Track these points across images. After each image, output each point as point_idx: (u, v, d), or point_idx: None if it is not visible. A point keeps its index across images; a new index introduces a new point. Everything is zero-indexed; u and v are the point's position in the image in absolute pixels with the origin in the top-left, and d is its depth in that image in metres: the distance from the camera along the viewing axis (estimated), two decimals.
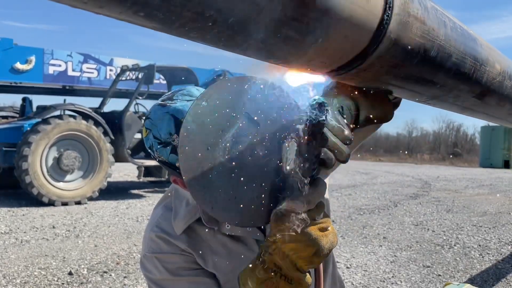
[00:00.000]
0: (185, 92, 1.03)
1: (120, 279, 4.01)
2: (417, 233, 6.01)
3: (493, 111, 1.34)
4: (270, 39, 0.54)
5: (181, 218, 1.06)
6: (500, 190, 10.85)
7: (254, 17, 0.49)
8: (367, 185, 11.73)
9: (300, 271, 0.80)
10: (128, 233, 5.70)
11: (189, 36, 0.51)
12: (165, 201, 1.14)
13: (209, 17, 0.46)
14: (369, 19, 0.62)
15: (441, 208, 8.12)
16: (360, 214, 7.31)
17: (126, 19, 0.46)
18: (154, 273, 1.06)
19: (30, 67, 10.25)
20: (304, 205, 0.77)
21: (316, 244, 0.78)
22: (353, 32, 0.61)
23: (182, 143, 0.80)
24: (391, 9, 0.64)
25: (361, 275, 4.24)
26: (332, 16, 0.56)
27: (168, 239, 1.06)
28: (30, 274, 4.11)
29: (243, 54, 0.59)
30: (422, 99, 1.02)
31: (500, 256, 4.96)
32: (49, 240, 5.35)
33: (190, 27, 0.47)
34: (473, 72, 0.97)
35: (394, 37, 0.67)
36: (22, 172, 7.46)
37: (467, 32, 0.94)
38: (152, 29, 0.48)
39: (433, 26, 0.77)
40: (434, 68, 0.84)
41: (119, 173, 13.01)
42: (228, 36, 0.51)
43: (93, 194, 8.18)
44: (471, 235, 5.93)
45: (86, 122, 8.16)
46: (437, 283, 4.08)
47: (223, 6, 0.46)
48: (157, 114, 1.00)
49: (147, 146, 1.02)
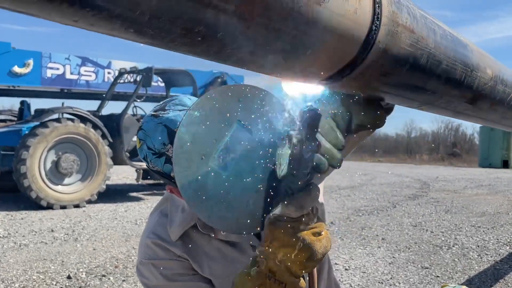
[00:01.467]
0: (177, 102, 1.03)
1: (118, 283, 4.01)
2: (415, 234, 6.02)
3: (486, 115, 1.35)
4: (259, 52, 0.55)
5: (176, 225, 1.07)
6: (499, 190, 10.86)
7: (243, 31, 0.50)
8: (366, 186, 11.74)
9: (294, 276, 0.81)
10: (127, 236, 5.71)
11: (180, 50, 0.52)
12: (161, 207, 1.15)
13: (198, 33, 0.47)
14: (357, 30, 0.63)
15: (440, 208, 8.13)
16: (359, 215, 7.33)
17: (118, 35, 0.47)
18: (151, 279, 1.07)
19: (28, 70, 10.25)
20: (298, 210, 0.78)
21: (310, 249, 0.79)
22: (341, 43, 0.62)
23: (176, 153, 0.82)
24: (379, 20, 0.66)
25: (360, 277, 4.25)
26: (320, 28, 0.57)
27: (164, 245, 1.07)
28: (28, 278, 4.11)
29: (233, 66, 0.60)
30: (414, 105, 1.03)
31: (498, 257, 4.97)
32: (48, 243, 5.35)
33: (180, 42, 0.49)
34: (464, 78, 0.98)
35: (383, 46, 0.68)
36: (21, 175, 7.45)
37: (457, 39, 0.95)
38: (144, 43, 0.49)
39: (422, 34, 0.78)
40: (425, 75, 0.85)
41: (118, 176, 13.00)
42: (217, 49, 0.52)
43: (91, 197, 8.17)
44: (470, 236, 5.94)
45: (84, 125, 8.15)
46: (435, 284, 4.09)
47: (211, 22, 0.47)
48: (150, 124, 1.01)
49: (141, 156, 1.03)
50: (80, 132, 8.09)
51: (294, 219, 0.79)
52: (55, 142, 7.86)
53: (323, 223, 0.86)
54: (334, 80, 0.68)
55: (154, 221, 1.13)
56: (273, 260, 0.80)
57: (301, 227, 0.80)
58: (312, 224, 0.82)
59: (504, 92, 1.24)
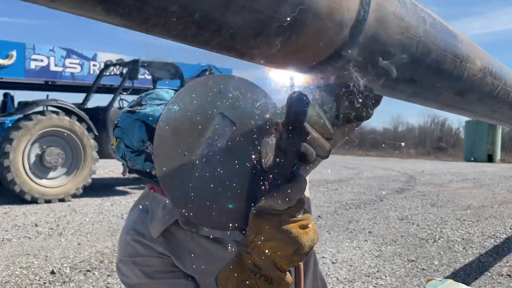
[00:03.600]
0: (153, 96, 0.98)
1: (103, 278, 3.96)
2: (402, 228, 6.06)
3: (475, 108, 1.34)
4: (240, 36, 0.52)
5: (158, 221, 1.03)
6: (484, 184, 11.01)
7: (222, 13, 0.47)
8: (353, 180, 11.80)
9: (280, 271, 0.78)
10: (113, 231, 5.64)
11: (153, 32, 0.48)
12: (141, 203, 1.11)
13: (172, 13, 0.43)
14: (345, 15, 0.59)
15: (426, 202, 8.21)
16: (346, 209, 7.35)
17: (84, 14, 0.43)
18: (131, 278, 1.03)
19: (11, 62, 10.04)
20: (284, 201, 0.75)
21: (297, 242, 0.76)
22: (328, 29, 0.58)
23: (157, 151, 0.78)
24: (368, 5, 0.62)
25: (346, 270, 4.26)
26: (305, 11, 0.54)
27: (145, 242, 1.03)
28: (11, 273, 4.03)
29: (214, 51, 0.56)
30: (403, 96, 1.00)
31: (483, 250, 5.03)
32: (31, 238, 5.26)
33: (153, 23, 0.45)
34: (453, 69, 0.96)
35: (372, 33, 0.65)
36: (4, 169, 7.31)
37: (447, 29, 0.93)
38: (113, 24, 0.46)
39: (412, 22, 0.75)
40: (414, 65, 0.83)
41: (104, 169, 12.86)
42: (195, 33, 0.49)
43: (77, 191, 8.07)
44: (455, 229, 6.00)
45: (69, 118, 8.02)
46: (421, 277, 4.12)
47: (187, 0, 0.43)
48: (127, 121, 0.95)
49: (119, 156, 0.98)
50: (65, 125, 7.96)
51: (280, 211, 0.76)
52: (39, 135, 7.72)
53: (310, 215, 0.83)
54: (321, 68, 0.65)
55: (134, 217, 1.08)
56: (258, 254, 0.77)
57: (288, 219, 0.77)
58: (299, 216, 0.79)
59: (492, 84, 1.22)
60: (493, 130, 19.82)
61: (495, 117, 1.59)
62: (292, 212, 0.77)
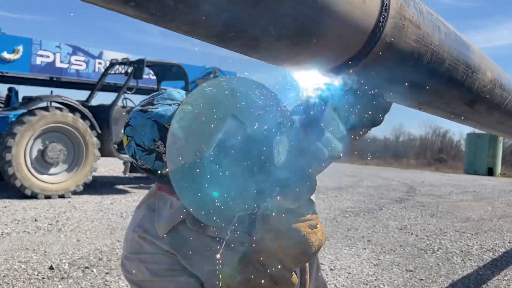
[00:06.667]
0: (165, 96, 0.99)
1: (102, 275, 3.96)
2: (401, 237, 6.05)
3: (483, 119, 1.34)
4: (264, 37, 0.53)
5: (164, 220, 1.03)
6: (484, 197, 10.98)
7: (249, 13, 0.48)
8: (353, 188, 11.79)
9: (286, 270, 0.78)
10: (112, 229, 5.64)
11: (180, 30, 0.49)
12: (148, 201, 1.11)
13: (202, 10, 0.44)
14: (365, 20, 0.60)
15: (425, 213, 8.19)
16: (345, 217, 7.34)
17: (115, 8, 0.44)
18: (136, 274, 1.03)
19: (17, 57, 10.06)
20: (294, 201, 0.76)
21: (305, 241, 0.76)
22: (348, 33, 0.60)
23: (170, 150, 0.79)
24: (387, 12, 0.63)
25: (345, 277, 4.25)
26: (327, 15, 0.55)
27: (151, 239, 1.03)
28: (10, 267, 4.03)
29: (236, 50, 0.57)
30: (413, 104, 1.01)
31: (481, 263, 5.02)
32: (31, 233, 5.27)
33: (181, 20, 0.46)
34: (465, 79, 0.97)
35: (389, 40, 0.66)
36: (5, 163, 7.31)
37: (461, 39, 0.94)
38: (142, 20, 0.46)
39: (427, 31, 0.76)
40: (427, 73, 0.83)
41: (105, 167, 12.86)
42: (220, 32, 0.50)
43: (77, 188, 8.06)
44: (454, 241, 5.99)
45: (72, 115, 8.03)
46: (419, 287, 4.11)
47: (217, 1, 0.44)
48: (138, 120, 0.96)
49: (129, 154, 0.99)
50: (68, 121, 7.97)
51: (290, 210, 0.76)
52: (42, 130, 7.73)
53: (318, 215, 0.83)
54: (339, 71, 0.66)
55: (141, 215, 1.08)
56: (264, 253, 0.77)
57: (297, 218, 0.77)
58: (308, 216, 0.79)
59: (501, 96, 1.23)
60: (494, 143, 19.78)
61: (502, 129, 1.60)
62: (301, 212, 0.78)
